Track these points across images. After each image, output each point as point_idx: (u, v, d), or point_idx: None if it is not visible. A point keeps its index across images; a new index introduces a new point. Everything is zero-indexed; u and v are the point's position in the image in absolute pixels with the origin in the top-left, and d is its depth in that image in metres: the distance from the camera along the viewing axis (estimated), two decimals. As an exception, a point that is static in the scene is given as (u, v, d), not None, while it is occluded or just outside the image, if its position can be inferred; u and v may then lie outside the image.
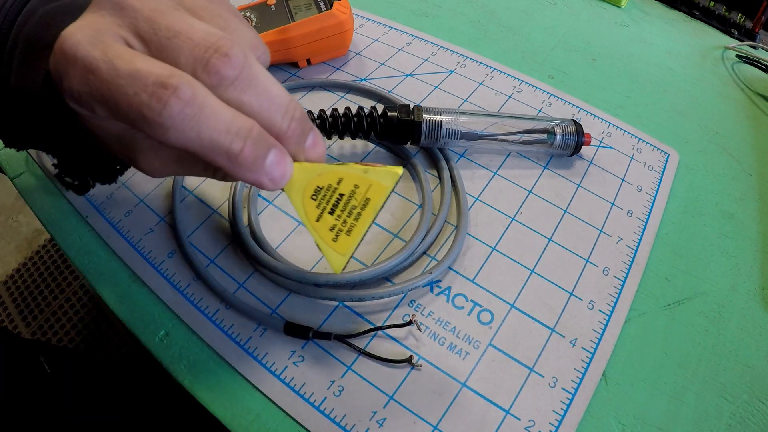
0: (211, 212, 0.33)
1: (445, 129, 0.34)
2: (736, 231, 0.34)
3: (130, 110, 0.17)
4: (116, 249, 0.32)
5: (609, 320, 0.29)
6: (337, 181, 0.21)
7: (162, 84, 0.16)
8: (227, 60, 0.17)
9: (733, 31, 0.50)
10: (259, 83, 0.18)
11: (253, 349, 0.28)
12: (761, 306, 0.31)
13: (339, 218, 0.21)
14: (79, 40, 0.17)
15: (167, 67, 0.17)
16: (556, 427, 0.25)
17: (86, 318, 0.96)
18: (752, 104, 0.43)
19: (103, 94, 0.17)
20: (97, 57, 0.17)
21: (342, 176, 0.21)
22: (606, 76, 0.44)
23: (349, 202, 0.21)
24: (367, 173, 0.21)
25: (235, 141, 0.18)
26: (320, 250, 0.22)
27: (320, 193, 0.21)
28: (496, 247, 0.32)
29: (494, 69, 0.43)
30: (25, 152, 0.38)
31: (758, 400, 0.27)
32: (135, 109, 0.17)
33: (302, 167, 0.20)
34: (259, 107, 0.18)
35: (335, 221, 0.21)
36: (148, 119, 0.17)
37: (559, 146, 0.35)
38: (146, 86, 0.16)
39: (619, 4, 0.52)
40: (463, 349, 0.28)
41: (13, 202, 1.16)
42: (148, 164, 0.21)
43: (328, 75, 0.42)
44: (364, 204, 0.21)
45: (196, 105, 0.17)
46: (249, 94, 0.18)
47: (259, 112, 0.19)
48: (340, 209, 0.21)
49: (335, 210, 0.21)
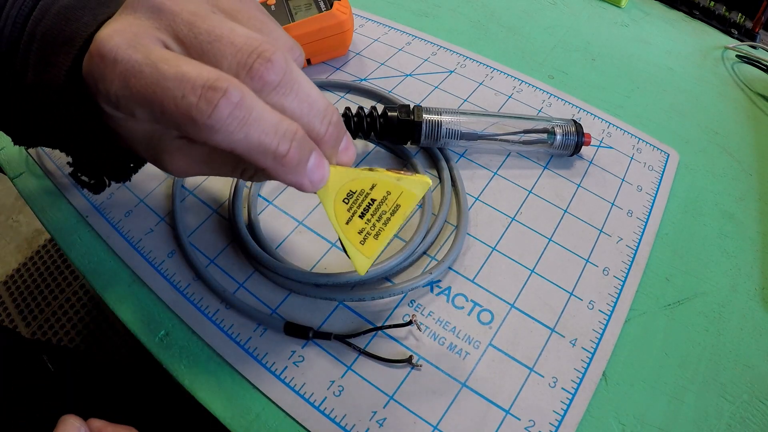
0: (211, 212, 0.33)
1: (445, 129, 0.34)
2: (736, 231, 0.34)
3: (176, 113, 0.17)
4: (116, 249, 0.32)
5: (609, 320, 0.29)
6: (371, 186, 0.22)
7: (211, 87, 0.17)
8: (270, 65, 0.18)
9: (733, 31, 0.50)
10: (300, 88, 0.19)
11: (253, 349, 0.28)
12: (761, 306, 0.31)
13: (369, 222, 0.22)
14: (117, 43, 0.17)
15: (214, 71, 0.17)
16: (556, 427, 0.25)
17: (86, 318, 0.96)
18: (752, 104, 0.43)
19: (147, 97, 0.17)
20: (140, 60, 0.17)
21: (375, 182, 0.22)
22: (606, 76, 0.44)
23: (380, 208, 0.22)
24: (400, 181, 0.22)
25: (282, 143, 0.18)
26: (346, 251, 0.22)
27: (353, 197, 0.22)
28: (496, 247, 0.32)
29: (494, 69, 0.43)
30: (26, 152, 0.38)
31: (758, 400, 0.27)
32: (182, 111, 0.17)
33: (337, 171, 0.21)
34: (300, 111, 0.19)
35: (365, 225, 0.22)
36: (197, 122, 0.17)
37: (559, 146, 0.35)
38: (194, 89, 0.17)
39: (619, 4, 0.52)
40: (463, 349, 0.28)
41: (13, 202, 1.16)
42: (174, 164, 0.21)
43: (328, 75, 0.42)
44: (394, 210, 0.22)
45: (245, 108, 0.17)
46: (291, 98, 0.19)
47: (300, 116, 0.19)
48: (370, 214, 0.22)
49: (366, 214, 0.22)
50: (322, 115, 0.19)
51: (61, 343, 0.93)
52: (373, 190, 0.22)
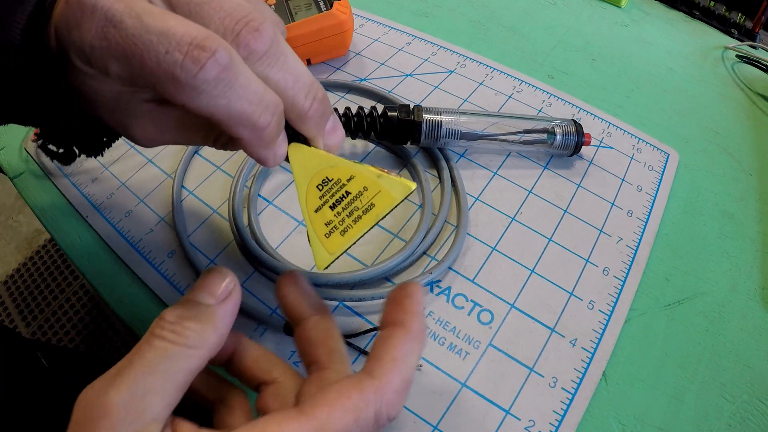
0: (211, 212, 0.33)
1: (445, 129, 0.34)
2: (736, 231, 0.34)
3: (157, 69, 0.16)
4: (116, 249, 0.32)
5: (609, 320, 0.29)
6: (348, 177, 0.20)
7: (199, 45, 0.16)
8: (258, 34, 0.17)
9: (733, 31, 0.50)
10: (286, 60, 0.18)
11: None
12: (761, 306, 0.31)
13: (338, 215, 0.21)
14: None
15: (203, 29, 0.16)
16: (556, 427, 0.25)
17: (86, 318, 0.96)
18: (752, 104, 0.43)
19: (125, 50, 0.16)
20: (121, 10, 0.16)
21: (354, 174, 0.20)
22: (606, 76, 0.44)
23: (353, 203, 0.20)
24: (380, 178, 0.20)
25: (264, 115, 0.17)
26: (309, 241, 0.21)
27: (327, 185, 0.20)
28: (496, 247, 0.32)
29: (494, 69, 0.43)
30: (26, 152, 0.38)
31: (758, 400, 0.27)
32: (164, 68, 0.16)
33: (318, 154, 0.20)
34: (284, 84, 0.18)
35: (333, 217, 0.21)
36: (179, 81, 0.16)
37: (559, 146, 0.35)
38: (180, 45, 0.16)
39: (619, 4, 0.52)
40: (463, 349, 0.28)
41: (13, 202, 1.16)
42: (142, 131, 0.20)
43: (328, 75, 0.42)
44: (367, 208, 0.20)
45: (232, 72, 0.16)
46: (276, 69, 0.18)
47: (284, 89, 0.18)
48: (342, 207, 0.21)
49: (336, 206, 0.21)
50: (307, 89, 0.19)
51: (61, 343, 0.93)
52: (350, 182, 0.20)
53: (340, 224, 0.21)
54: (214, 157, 0.37)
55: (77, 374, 0.56)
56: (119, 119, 0.20)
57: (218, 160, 0.36)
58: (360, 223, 0.21)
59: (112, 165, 0.37)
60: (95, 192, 0.35)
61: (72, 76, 0.18)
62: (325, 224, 0.21)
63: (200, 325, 0.18)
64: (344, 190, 0.20)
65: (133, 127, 0.20)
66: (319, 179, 0.20)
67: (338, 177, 0.20)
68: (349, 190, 0.20)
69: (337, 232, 0.21)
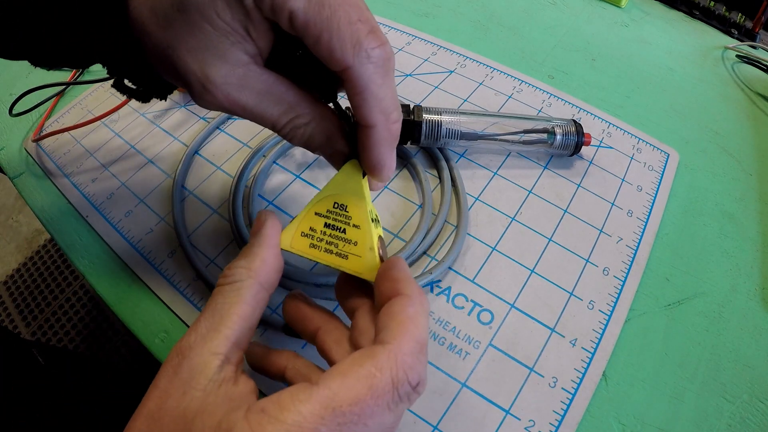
0: (211, 212, 0.33)
1: (445, 129, 0.34)
2: (736, 231, 0.34)
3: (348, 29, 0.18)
4: (116, 249, 0.32)
5: (609, 320, 0.29)
6: (354, 223, 0.22)
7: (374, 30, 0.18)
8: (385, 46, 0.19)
9: (733, 31, 0.50)
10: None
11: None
12: (761, 306, 0.31)
13: (323, 234, 0.22)
14: None
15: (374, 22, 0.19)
16: (556, 427, 0.25)
17: (86, 318, 0.96)
18: (752, 104, 0.43)
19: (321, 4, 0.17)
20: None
21: (360, 226, 0.22)
22: (606, 76, 0.44)
23: (339, 240, 0.22)
24: (370, 251, 0.22)
25: (398, 110, 0.20)
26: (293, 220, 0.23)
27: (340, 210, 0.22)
28: (496, 247, 0.32)
29: (494, 69, 0.43)
30: (26, 152, 0.38)
31: (758, 400, 0.27)
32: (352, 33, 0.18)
33: (361, 183, 0.22)
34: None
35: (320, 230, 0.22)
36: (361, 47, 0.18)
37: (559, 146, 0.35)
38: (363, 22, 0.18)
39: (619, 4, 0.52)
40: (463, 349, 0.28)
41: (13, 202, 1.16)
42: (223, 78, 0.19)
43: (328, 75, 0.42)
44: (341, 254, 0.22)
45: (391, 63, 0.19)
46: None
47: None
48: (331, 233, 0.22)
49: (328, 228, 0.22)
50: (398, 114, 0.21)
51: (61, 343, 0.93)
52: (352, 227, 0.22)
53: (318, 241, 0.22)
54: (214, 157, 0.37)
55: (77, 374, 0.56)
56: (206, 58, 0.19)
57: (218, 160, 0.36)
58: (327, 256, 0.22)
59: (112, 165, 0.37)
60: (95, 192, 0.35)
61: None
62: (310, 228, 0.22)
63: (245, 259, 0.20)
64: (344, 226, 0.22)
65: (217, 69, 0.19)
66: (340, 201, 0.22)
67: (351, 214, 0.22)
68: (346, 230, 0.22)
69: (311, 240, 0.22)
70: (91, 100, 0.42)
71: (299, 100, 0.21)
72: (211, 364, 0.18)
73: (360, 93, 0.19)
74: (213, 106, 0.20)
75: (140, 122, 0.39)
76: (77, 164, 0.37)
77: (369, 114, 0.20)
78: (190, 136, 0.38)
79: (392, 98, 0.20)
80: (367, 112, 0.20)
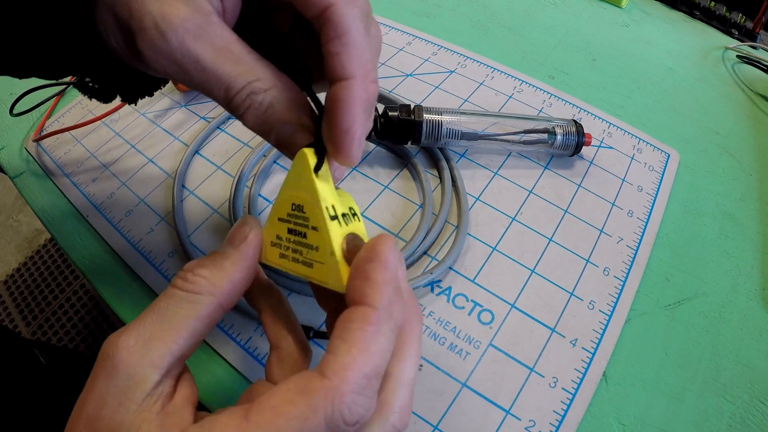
0: (211, 212, 0.33)
1: (445, 129, 0.34)
2: (737, 231, 0.34)
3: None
4: (116, 249, 0.32)
5: (609, 320, 0.29)
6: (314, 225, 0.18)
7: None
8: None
9: (734, 31, 0.50)
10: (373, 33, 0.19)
11: (254, 349, 0.28)
12: (761, 306, 0.31)
13: (288, 242, 0.19)
14: None
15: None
16: (557, 427, 0.25)
17: (86, 318, 0.96)
18: (752, 104, 0.43)
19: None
20: None
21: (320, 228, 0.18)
22: (606, 76, 0.44)
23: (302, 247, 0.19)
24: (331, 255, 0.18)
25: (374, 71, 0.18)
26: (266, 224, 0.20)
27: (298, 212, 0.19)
28: (497, 247, 0.32)
29: (495, 69, 0.43)
30: (26, 152, 0.38)
31: (758, 400, 0.27)
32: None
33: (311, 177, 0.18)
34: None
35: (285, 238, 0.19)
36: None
37: (559, 146, 0.35)
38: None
39: (619, 4, 0.52)
40: (463, 349, 0.28)
41: (13, 201, 1.16)
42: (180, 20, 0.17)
43: (329, 75, 0.42)
44: (306, 262, 0.19)
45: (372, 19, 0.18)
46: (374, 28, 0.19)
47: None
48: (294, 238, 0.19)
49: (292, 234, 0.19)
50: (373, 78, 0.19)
51: (61, 343, 0.93)
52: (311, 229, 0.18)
53: (285, 249, 0.19)
54: (214, 157, 0.37)
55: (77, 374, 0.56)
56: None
57: (218, 160, 0.36)
58: (295, 265, 0.19)
59: (113, 165, 0.37)
60: (95, 192, 0.35)
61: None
62: (276, 236, 0.20)
63: (211, 271, 0.18)
64: (304, 230, 0.19)
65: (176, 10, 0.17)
66: (297, 201, 0.19)
67: (309, 215, 0.18)
68: (306, 234, 0.19)
69: (280, 249, 0.20)
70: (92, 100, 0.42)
71: (260, 65, 0.18)
72: (149, 378, 0.16)
73: (340, 36, 0.17)
74: (163, 56, 0.17)
75: (141, 122, 0.39)
76: (78, 164, 0.37)
77: (348, 62, 0.17)
78: (191, 135, 0.38)
79: (372, 55, 0.18)
80: (346, 59, 0.17)
